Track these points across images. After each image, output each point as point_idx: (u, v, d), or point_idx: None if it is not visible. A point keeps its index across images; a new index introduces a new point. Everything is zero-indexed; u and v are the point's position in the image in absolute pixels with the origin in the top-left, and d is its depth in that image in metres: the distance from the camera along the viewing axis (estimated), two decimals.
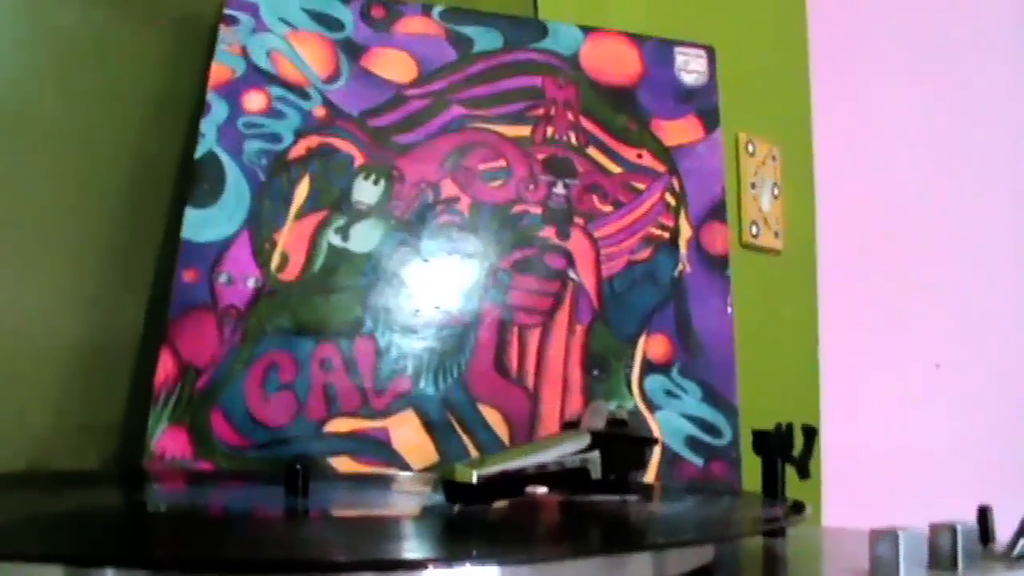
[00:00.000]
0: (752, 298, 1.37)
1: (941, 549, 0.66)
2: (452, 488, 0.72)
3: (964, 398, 1.75)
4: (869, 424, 1.63)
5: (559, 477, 0.78)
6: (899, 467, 1.62)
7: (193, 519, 0.73)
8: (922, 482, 1.61)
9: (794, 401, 1.55)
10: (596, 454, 0.79)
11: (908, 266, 1.75)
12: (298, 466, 0.77)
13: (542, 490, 0.81)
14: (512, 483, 0.74)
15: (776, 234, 1.57)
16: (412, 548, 0.62)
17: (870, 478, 1.57)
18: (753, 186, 1.54)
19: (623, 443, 0.82)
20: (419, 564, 0.53)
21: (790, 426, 0.90)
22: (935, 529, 0.67)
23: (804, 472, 0.88)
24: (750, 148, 1.54)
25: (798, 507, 0.76)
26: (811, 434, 0.88)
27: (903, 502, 0.92)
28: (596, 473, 0.79)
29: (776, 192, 1.57)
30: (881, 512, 0.73)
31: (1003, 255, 1.84)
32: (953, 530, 0.66)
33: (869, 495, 1.50)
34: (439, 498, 0.76)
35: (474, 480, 0.70)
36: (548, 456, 0.77)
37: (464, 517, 0.72)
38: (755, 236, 1.53)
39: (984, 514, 0.72)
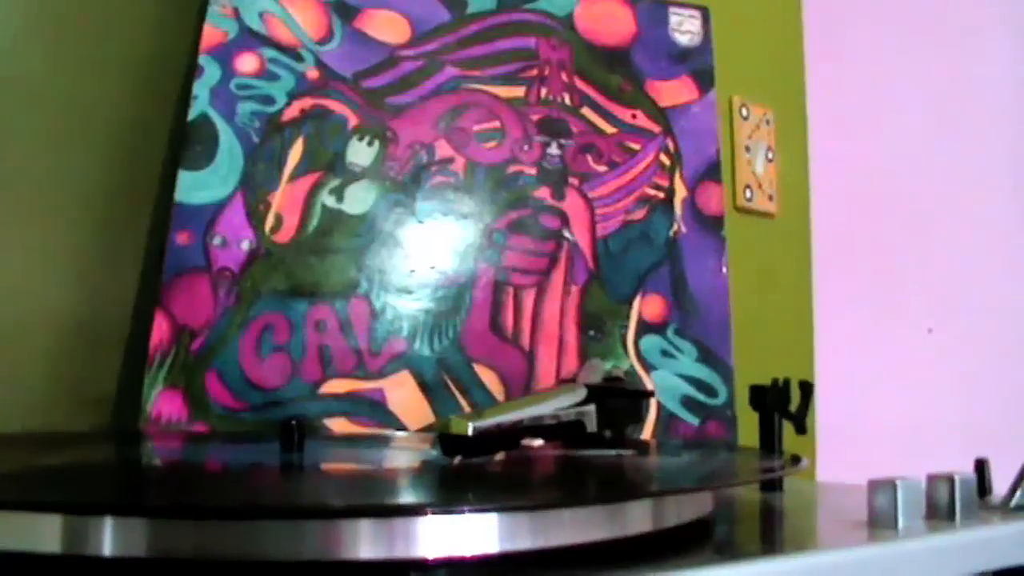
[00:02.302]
0: (746, 261, 1.37)
1: (939, 500, 0.66)
2: (448, 441, 0.72)
3: (956, 362, 1.75)
4: (862, 386, 1.63)
5: (555, 430, 0.78)
6: (891, 427, 1.63)
7: (189, 472, 0.73)
8: (913, 442, 1.61)
9: (788, 363, 1.55)
10: (592, 407, 0.79)
11: (901, 230, 1.75)
12: (293, 422, 0.77)
13: (538, 443, 0.81)
14: (508, 436, 0.74)
15: (770, 198, 1.57)
16: (410, 496, 0.62)
17: (862, 439, 1.57)
18: (747, 150, 1.53)
19: (619, 396, 0.82)
20: (417, 510, 0.53)
21: (787, 381, 0.90)
22: (933, 480, 0.67)
23: (801, 427, 0.88)
24: (744, 112, 1.53)
25: (795, 459, 0.76)
26: (808, 390, 0.88)
27: (895, 461, 0.92)
28: (592, 426, 0.79)
29: (770, 156, 1.57)
30: (873, 470, 0.73)
31: (996, 220, 1.84)
32: (951, 481, 0.66)
33: (861, 454, 1.50)
34: (436, 454, 0.76)
35: (470, 432, 0.70)
36: (544, 409, 0.77)
37: (462, 468, 0.71)
38: (749, 200, 1.52)
39: (981, 466, 0.73)
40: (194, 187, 1.02)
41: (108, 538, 0.50)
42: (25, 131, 1.00)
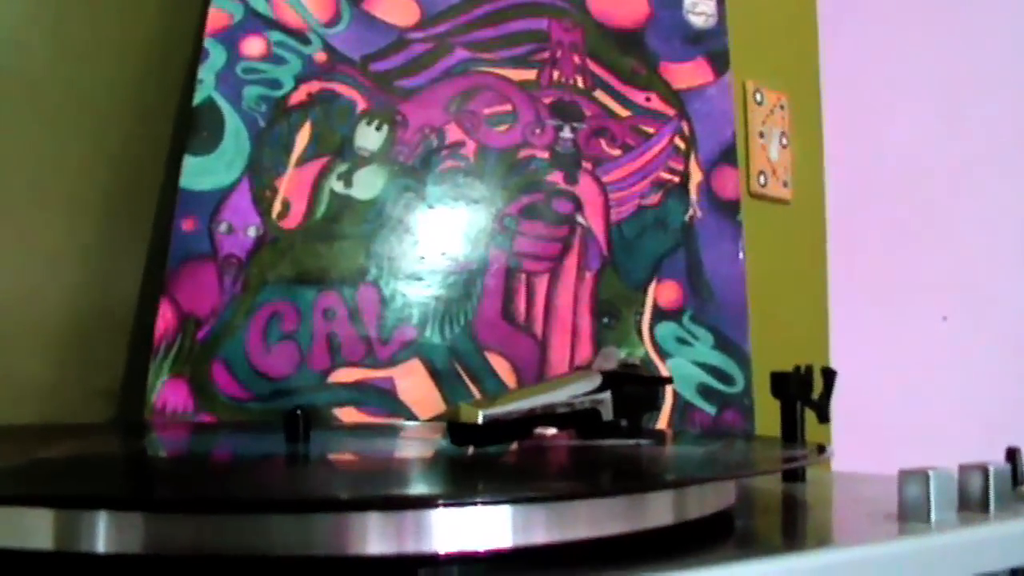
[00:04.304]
0: (761, 248, 1.35)
1: (972, 490, 0.64)
2: (458, 430, 0.70)
3: (970, 350, 1.74)
4: (876, 374, 1.62)
5: (569, 418, 0.76)
6: (904, 416, 1.62)
7: (191, 464, 0.71)
8: (927, 431, 1.60)
9: (802, 351, 1.53)
10: (607, 395, 0.76)
11: (915, 217, 1.74)
12: (298, 412, 0.75)
13: (551, 432, 0.79)
14: (520, 424, 0.72)
15: (785, 184, 1.55)
16: (419, 488, 0.60)
17: (875, 427, 1.56)
18: (761, 135, 1.52)
19: (635, 383, 0.79)
20: (428, 503, 0.51)
21: (809, 368, 0.88)
22: (965, 470, 0.65)
23: (824, 415, 0.86)
24: (758, 97, 1.52)
25: (820, 449, 0.74)
26: (831, 377, 0.87)
27: (908, 450, 0.91)
28: (608, 415, 0.76)
29: (784, 141, 1.55)
30: (886, 460, 0.72)
31: (1011, 207, 1.83)
32: (985, 471, 0.64)
33: (874, 443, 1.49)
34: (446, 444, 0.74)
35: (480, 421, 0.68)
36: (558, 397, 0.75)
37: (473, 459, 0.70)
38: (763, 186, 1.51)
39: (1013, 455, 0.70)
40: (199, 173, 1.00)
41: (103, 534, 0.48)
42: (28, 118, 0.99)
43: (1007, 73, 1.82)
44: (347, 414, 0.98)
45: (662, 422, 1.07)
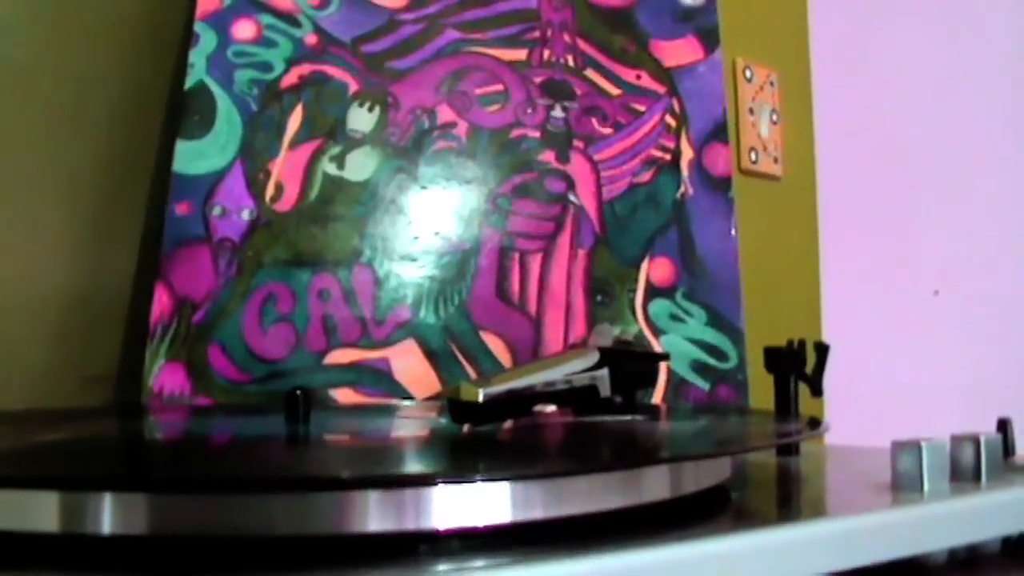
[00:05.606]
0: (752, 225, 1.36)
1: (964, 461, 0.65)
2: (458, 408, 0.70)
3: (962, 324, 1.75)
4: (868, 348, 1.62)
5: (567, 395, 0.76)
6: (897, 390, 1.62)
7: (191, 446, 0.71)
8: (919, 404, 1.61)
9: (796, 326, 1.54)
10: (605, 372, 0.77)
11: (907, 192, 1.74)
12: (299, 392, 0.75)
13: (550, 409, 0.79)
14: (520, 402, 0.73)
15: (775, 160, 1.55)
16: (419, 466, 0.60)
17: (868, 401, 1.57)
18: (751, 112, 1.52)
19: (633, 359, 0.80)
20: (427, 480, 0.51)
21: (802, 343, 0.88)
22: (957, 441, 0.65)
23: (817, 389, 0.87)
24: (748, 73, 1.52)
25: (815, 422, 0.74)
26: (824, 351, 0.87)
27: (900, 423, 0.91)
28: (605, 391, 0.77)
29: (775, 118, 1.55)
30: (878, 433, 0.72)
31: (1002, 181, 1.83)
32: (976, 442, 0.65)
33: (866, 417, 1.49)
34: (444, 422, 0.75)
35: (481, 399, 0.69)
36: (556, 374, 0.75)
37: (473, 436, 0.70)
38: (754, 162, 1.51)
39: (1004, 426, 0.71)
40: (192, 157, 1.00)
41: (107, 515, 0.48)
42: (19, 105, 0.98)
43: (999, 48, 1.82)
44: (344, 395, 0.99)
45: (656, 399, 1.07)
